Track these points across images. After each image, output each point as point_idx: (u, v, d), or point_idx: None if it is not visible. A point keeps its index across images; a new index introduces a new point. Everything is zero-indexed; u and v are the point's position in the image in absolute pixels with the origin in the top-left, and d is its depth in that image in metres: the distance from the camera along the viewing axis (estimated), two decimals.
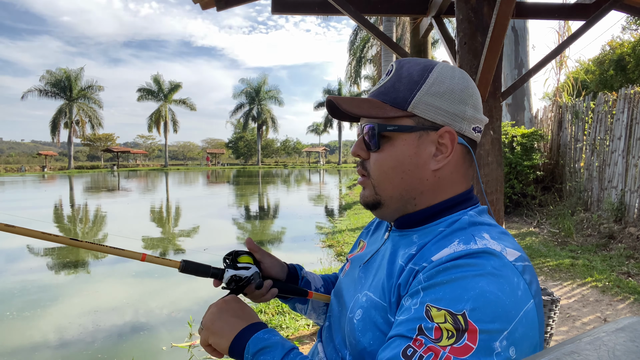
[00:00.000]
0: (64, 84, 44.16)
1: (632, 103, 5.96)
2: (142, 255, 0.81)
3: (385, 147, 0.70)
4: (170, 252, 6.80)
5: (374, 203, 0.73)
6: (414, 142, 0.68)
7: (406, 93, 0.68)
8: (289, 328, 3.31)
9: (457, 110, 0.69)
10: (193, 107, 51.27)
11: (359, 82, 29.00)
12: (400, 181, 0.69)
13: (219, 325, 0.73)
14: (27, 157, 63.84)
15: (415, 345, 0.54)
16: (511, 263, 0.58)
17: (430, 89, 0.68)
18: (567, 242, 5.91)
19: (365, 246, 0.88)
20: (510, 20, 2.15)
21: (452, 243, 0.61)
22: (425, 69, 0.69)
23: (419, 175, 0.69)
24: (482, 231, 0.63)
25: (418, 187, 0.69)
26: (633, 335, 0.30)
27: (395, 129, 0.68)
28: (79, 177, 33.37)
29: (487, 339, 0.51)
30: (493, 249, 0.58)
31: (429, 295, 0.56)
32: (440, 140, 0.68)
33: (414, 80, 0.68)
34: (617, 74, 10.62)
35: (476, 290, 0.53)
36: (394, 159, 0.69)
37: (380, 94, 0.72)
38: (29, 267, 5.85)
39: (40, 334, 3.61)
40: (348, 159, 77.50)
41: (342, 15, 2.98)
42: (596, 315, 3.47)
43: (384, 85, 0.72)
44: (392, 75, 0.72)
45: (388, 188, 0.70)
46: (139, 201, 14.84)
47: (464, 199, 0.71)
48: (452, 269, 0.57)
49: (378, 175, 0.71)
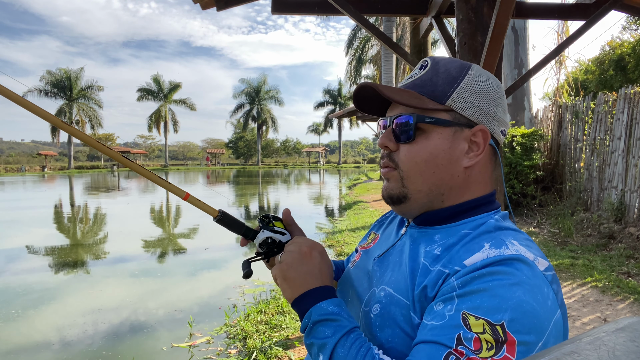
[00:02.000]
0: (64, 84, 44.18)
1: (632, 103, 5.96)
2: (186, 194, 0.83)
3: (420, 139, 0.69)
4: (170, 252, 6.80)
5: (399, 196, 0.71)
6: (449, 136, 0.68)
7: (445, 87, 0.68)
8: (289, 328, 3.31)
9: (490, 110, 0.69)
10: (193, 107, 51.29)
11: (359, 82, 28.99)
12: (432, 175, 0.68)
13: (292, 274, 0.71)
14: (27, 157, 63.83)
15: (456, 354, 0.53)
16: (542, 273, 0.58)
17: (468, 86, 0.68)
18: (567, 242, 5.91)
19: (377, 239, 0.86)
20: (510, 20, 2.15)
21: (483, 247, 0.60)
22: (463, 67, 0.70)
23: (450, 171, 0.68)
24: (510, 237, 0.62)
25: (448, 183, 0.69)
26: (633, 335, 0.30)
27: (433, 122, 0.68)
28: (79, 177, 33.37)
29: (524, 351, 0.52)
30: (526, 257, 0.58)
31: (466, 302, 0.55)
32: (473, 138, 0.68)
33: (453, 75, 0.69)
34: (617, 74, 10.63)
35: (514, 300, 0.53)
36: (428, 152, 0.68)
37: (417, 86, 0.70)
38: (30, 267, 5.85)
39: (41, 334, 3.61)
40: (348, 159, 77.46)
41: (342, 15, 2.98)
42: (596, 315, 3.47)
43: (420, 78, 0.71)
44: (428, 69, 0.71)
45: (418, 181, 0.69)
46: (140, 201, 14.85)
47: (487, 201, 0.71)
48: (488, 276, 0.56)
49: (409, 167, 0.69)
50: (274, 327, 3.36)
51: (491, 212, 0.69)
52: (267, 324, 3.44)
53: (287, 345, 3.03)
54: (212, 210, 0.83)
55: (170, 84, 49.91)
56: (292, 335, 3.21)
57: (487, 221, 0.67)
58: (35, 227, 9.14)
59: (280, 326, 3.37)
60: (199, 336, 3.43)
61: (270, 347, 2.99)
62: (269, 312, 3.68)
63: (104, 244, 7.46)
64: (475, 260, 0.58)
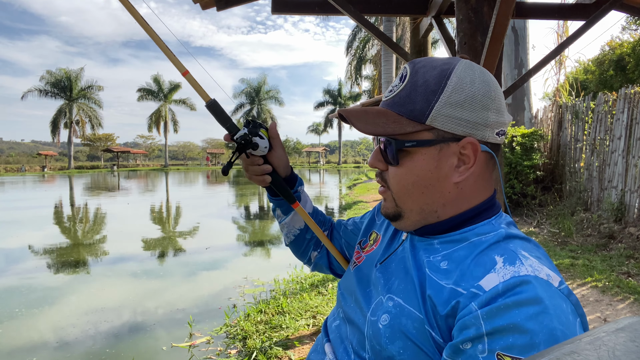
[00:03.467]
0: (64, 84, 44.17)
1: (632, 103, 5.96)
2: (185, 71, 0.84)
3: (405, 162, 0.67)
4: (170, 251, 6.80)
5: (394, 215, 0.71)
6: (435, 155, 0.65)
7: (423, 105, 0.64)
8: (289, 328, 3.31)
9: (479, 118, 0.64)
10: (193, 107, 51.26)
11: (359, 82, 29.00)
12: (421, 195, 0.67)
13: None
14: (27, 157, 63.81)
15: None
16: (558, 290, 0.56)
17: (449, 99, 0.63)
18: (567, 242, 5.91)
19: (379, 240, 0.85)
20: (510, 20, 2.15)
21: (496, 263, 0.58)
22: (442, 75, 0.64)
23: (440, 189, 0.67)
24: (519, 247, 0.61)
25: (439, 200, 0.67)
26: (633, 335, 0.30)
27: (414, 145, 0.65)
28: (79, 177, 33.37)
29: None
30: (541, 277, 0.56)
31: (498, 343, 0.53)
32: (462, 151, 0.65)
33: (431, 89, 0.64)
34: (617, 74, 10.63)
35: (544, 331, 0.52)
36: (414, 175, 0.67)
37: (395, 105, 0.67)
38: (31, 267, 5.85)
39: (41, 334, 3.61)
40: (348, 159, 77.45)
41: (342, 15, 2.98)
42: (596, 315, 3.47)
43: (398, 95, 0.67)
44: (407, 82, 0.67)
45: (408, 202, 0.69)
46: (140, 201, 14.85)
47: (488, 206, 0.69)
48: (514, 308, 0.54)
49: (398, 189, 0.69)
50: (274, 327, 3.36)
51: (492, 218, 0.67)
52: (267, 324, 3.44)
53: (287, 345, 3.03)
54: (206, 95, 0.86)
55: (170, 84, 49.88)
56: (292, 335, 3.21)
57: (495, 229, 0.65)
58: (36, 227, 9.14)
59: (280, 326, 3.37)
60: (198, 336, 3.43)
61: (270, 347, 2.99)
62: (269, 312, 3.68)
63: (105, 243, 7.46)
64: (493, 284, 0.56)
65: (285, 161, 0.95)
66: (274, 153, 0.92)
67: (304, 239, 1.03)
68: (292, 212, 1.00)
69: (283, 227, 1.03)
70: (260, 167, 0.89)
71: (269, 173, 0.91)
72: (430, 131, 0.65)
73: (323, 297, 3.97)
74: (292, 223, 1.01)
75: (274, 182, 0.92)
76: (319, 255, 1.05)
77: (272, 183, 0.92)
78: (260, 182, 0.91)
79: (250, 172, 0.90)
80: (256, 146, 0.86)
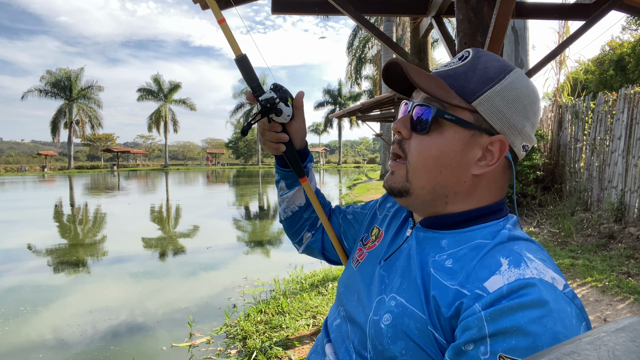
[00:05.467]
0: (64, 84, 44.17)
1: (632, 103, 5.97)
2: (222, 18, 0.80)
3: (434, 134, 0.65)
4: (170, 251, 6.80)
5: (400, 190, 0.69)
6: (465, 139, 0.65)
7: (477, 86, 0.64)
8: (288, 328, 3.31)
9: (517, 123, 0.65)
10: (193, 107, 51.27)
11: (359, 82, 29.01)
12: (438, 174, 0.66)
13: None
14: (27, 157, 63.83)
15: None
16: (562, 293, 0.56)
17: (502, 91, 0.64)
18: (567, 242, 5.91)
19: (382, 237, 0.83)
20: (510, 20, 2.15)
21: (501, 265, 0.58)
22: (503, 69, 0.65)
23: (457, 175, 0.66)
24: (524, 248, 0.61)
25: (453, 187, 0.66)
26: (633, 335, 0.30)
27: (452, 119, 0.64)
28: (79, 177, 33.38)
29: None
30: (545, 280, 0.56)
31: (500, 344, 0.53)
32: (489, 146, 0.65)
33: (489, 76, 0.64)
34: (617, 74, 10.63)
35: (547, 334, 0.52)
36: (439, 150, 0.65)
37: (449, 77, 0.66)
38: (31, 267, 5.85)
39: (41, 334, 3.61)
40: (348, 159, 77.46)
41: (341, 15, 2.98)
42: (596, 315, 3.47)
43: (454, 69, 0.67)
44: (467, 62, 0.67)
45: (423, 177, 0.67)
46: (141, 201, 14.85)
47: (497, 209, 0.68)
48: (518, 310, 0.53)
49: (417, 160, 0.67)
50: (274, 327, 3.36)
51: (501, 220, 0.67)
52: (267, 324, 3.44)
53: (287, 345, 3.03)
54: (238, 48, 0.81)
55: (170, 84, 49.88)
56: (292, 335, 3.21)
57: (500, 230, 0.64)
58: (37, 228, 9.14)
59: (280, 326, 3.37)
60: (198, 336, 3.43)
61: (270, 347, 2.99)
62: (269, 312, 3.68)
63: (106, 243, 7.46)
64: (497, 285, 0.56)
65: (303, 134, 0.92)
66: (294, 123, 0.88)
67: (301, 217, 1.01)
68: (297, 187, 0.98)
69: (283, 200, 1.00)
70: (278, 135, 0.86)
71: (285, 142, 0.88)
72: (472, 113, 0.65)
73: (323, 297, 3.97)
74: (294, 199, 0.99)
75: (288, 153, 0.89)
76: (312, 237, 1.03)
77: (286, 153, 0.89)
78: (273, 150, 0.89)
79: (266, 137, 0.87)
80: (280, 112, 0.82)
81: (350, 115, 14.70)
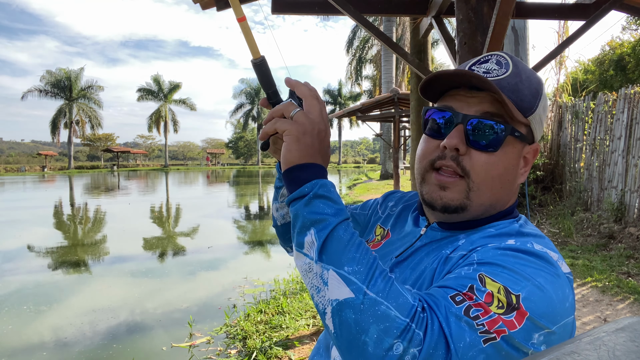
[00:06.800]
0: (64, 84, 44.19)
1: (632, 103, 5.97)
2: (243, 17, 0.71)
3: (499, 152, 0.64)
4: (171, 251, 6.80)
5: (458, 207, 0.65)
6: (520, 152, 0.65)
7: (531, 100, 0.64)
8: (288, 328, 3.31)
9: (542, 130, 0.68)
10: (193, 107, 51.28)
11: (359, 82, 29.01)
12: (500, 190, 0.65)
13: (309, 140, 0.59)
14: (27, 157, 63.85)
15: (464, 296, 0.51)
16: (566, 275, 0.57)
17: (544, 104, 0.65)
18: (567, 242, 5.91)
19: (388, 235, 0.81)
20: (510, 20, 2.15)
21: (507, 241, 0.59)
22: (539, 80, 0.66)
23: (512, 187, 0.66)
24: (532, 240, 0.61)
25: (506, 198, 0.66)
26: (633, 335, 0.30)
27: (519, 137, 0.63)
28: (80, 177, 33.37)
29: (531, 327, 0.50)
30: (551, 256, 0.57)
31: (485, 267, 0.54)
32: (526, 155, 0.67)
33: (535, 87, 0.64)
34: (617, 74, 10.63)
35: (535, 282, 0.52)
36: (503, 167, 0.64)
37: (505, 89, 0.63)
38: (32, 267, 5.85)
39: (41, 334, 3.61)
40: (348, 159, 77.49)
41: (341, 15, 2.98)
42: (596, 315, 3.47)
43: (505, 80, 0.64)
44: (511, 71, 0.64)
45: (486, 195, 0.64)
46: (141, 201, 14.84)
47: (513, 210, 0.70)
48: (512, 257, 0.54)
49: (483, 179, 0.63)
50: (274, 327, 3.36)
51: (514, 219, 0.68)
52: (267, 324, 3.44)
53: (287, 345, 3.03)
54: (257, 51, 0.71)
55: (170, 84, 49.89)
56: (292, 335, 3.21)
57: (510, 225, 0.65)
58: (37, 228, 9.14)
59: (280, 326, 3.37)
60: (198, 336, 3.43)
61: (270, 347, 2.99)
62: (269, 312, 3.68)
63: (106, 244, 7.46)
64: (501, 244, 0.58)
65: None
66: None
67: None
68: None
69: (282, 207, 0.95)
70: None
71: None
72: (526, 127, 0.65)
73: None
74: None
75: None
76: None
77: None
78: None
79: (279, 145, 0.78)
80: None
81: (350, 115, 14.71)
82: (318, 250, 0.54)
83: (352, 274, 0.52)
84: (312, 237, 0.55)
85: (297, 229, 0.57)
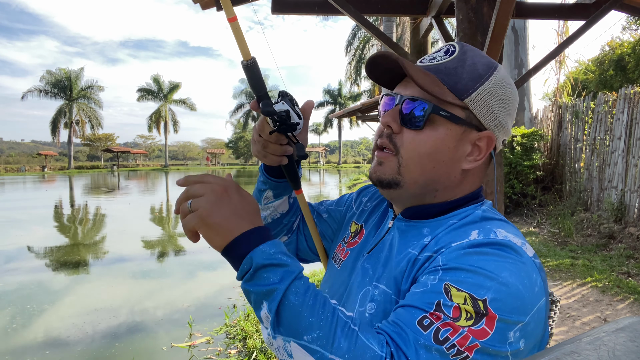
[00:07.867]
0: (64, 84, 44.19)
1: (632, 103, 5.97)
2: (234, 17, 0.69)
3: (427, 129, 0.65)
4: (170, 251, 6.80)
5: (390, 181, 0.68)
6: (457, 135, 0.66)
7: (468, 83, 0.65)
8: None
9: (502, 119, 0.68)
10: (193, 107, 51.27)
11: (359, 82, 29.02)
12: (431, 170, 0.66)
13: (216, 219, 0.57)
14: (27, 157, 63.84)
15: (432, 318, 0.52)
16: (531, 259, 0.58)
17: (491, 89, 0.66)
18: (567, 242, 5.91)
19: (363, 233, 0.83)
20: (510, 20, 2.15)
21: (470, 234, 0.60)
22: (489, 65, 0.67)
23: (449, 170, 0.67)
24: (496, 226, 0.62)
25: (444, 181, 0.68)
26: (633, 335, 0.30)
27: (447, 116, 0.65)
28: (80, 177, 33.37)
29: (503, 328, 0.52)
30: (514, 242, 0.58)
31: (449, 275, 0.55)
32: (477, 142, 0.67)
33: (479, 72, 0.66)
34: (617, 74, 10.63)
35: (499, 279, 0.53)
36: (433, 146, 0.65)
37: (440, 73, 0.66)
38: (32, 267, 5.85)
39: (41, 334, 3.61)
40: (348, 159, 77.51)
41: (341, 15, 2.98)
42: (596, 315, 3.47)
43: (444, 64, 0.67)
44: (455, 57, 0.67)
45: (416, 172, 0.67)
46: (141, 201, 14.84)
47: (476, 196, 0.71)
48: (475, 255, 0.56)
49: (411, 156, 0.66)
50: None
51: (478, 204, 0.69)
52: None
53: None
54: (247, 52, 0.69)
55: (170, 84, 49.88)
56: None
57: (474, 212, 0.67)
58: (38, 228, 9.14)
59: None
60: (198, 336, 3.43)
61: None
62: None
63: (107, 243, 7.46)
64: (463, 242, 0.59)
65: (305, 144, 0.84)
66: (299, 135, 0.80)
67: (280, 223, 0.96)
68: (285, 196, 0.92)
69: (267, 209, 0.93)
70: (283, 147, 0.78)
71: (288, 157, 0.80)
72: (464, 110, 0.66)
73: None
74: (279, 208, 0.94)
75: (289, 165, 0.81)
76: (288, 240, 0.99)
77: (286, 165, 0.81)
78: (275, 162, 0.80)
79: (270, 150, 0.78)
80: (295, 127, 0.73)
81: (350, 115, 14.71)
82: (273, 324, 0.54)
83: (313, 342, 0.52)
84: (265, 311, 0.54)
85: (253, 306, 0.57)
